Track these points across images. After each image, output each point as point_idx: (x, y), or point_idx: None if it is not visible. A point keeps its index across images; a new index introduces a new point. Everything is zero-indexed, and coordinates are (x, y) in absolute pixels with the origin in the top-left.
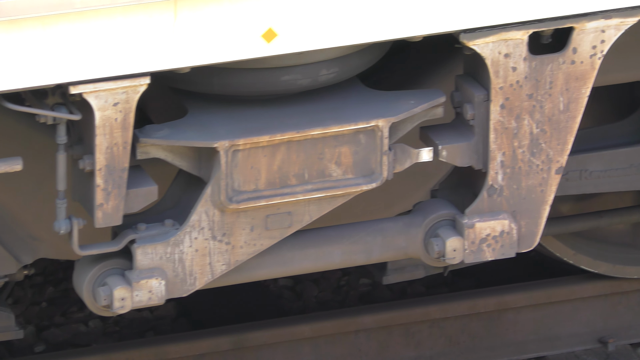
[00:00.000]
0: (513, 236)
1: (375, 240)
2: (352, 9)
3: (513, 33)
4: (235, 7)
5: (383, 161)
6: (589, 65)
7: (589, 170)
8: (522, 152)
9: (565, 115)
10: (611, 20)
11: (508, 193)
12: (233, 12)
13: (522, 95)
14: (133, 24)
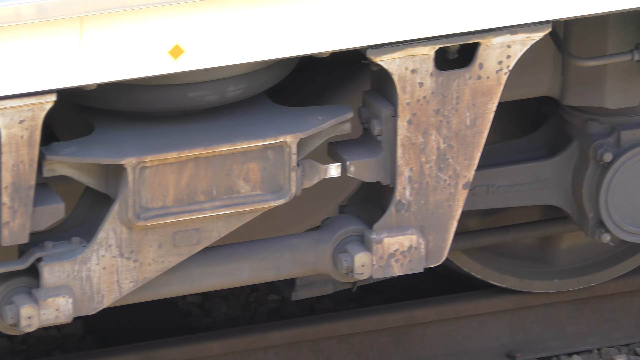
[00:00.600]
0: (421, 251)
1: (284, 257)
2: (258, 25)
3: (419, 49)
4: (142, 25)
5: (291, 177)
6: (495, 80)
7: (496, 185)
8: (430, 168)
9: (472, 131)
10: (517, 35)
11: (416, 208)
12: (139, 29)
13: (429, 110)
14: (38, 42)
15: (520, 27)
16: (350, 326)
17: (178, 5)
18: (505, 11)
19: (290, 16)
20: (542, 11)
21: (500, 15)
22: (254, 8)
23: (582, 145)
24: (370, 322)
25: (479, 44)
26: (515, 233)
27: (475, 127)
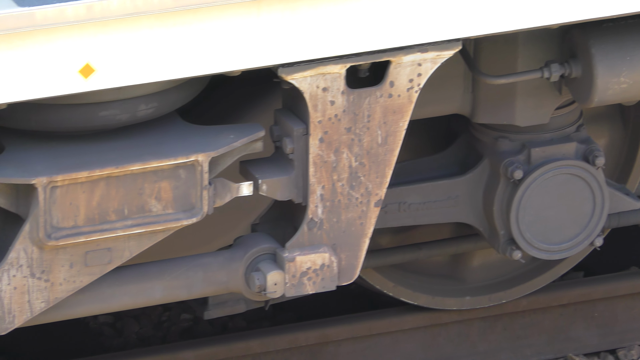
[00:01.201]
0: (333, 269)
1: (196, 275)
2: (170, 44)
3: (331, 67)
4: (52, 44)
5: (203, 196)
6: (406, 98)
7: (407, 203)
8: (342, 186)
9: (384, 149)
10: (427, 53)
11: (328, 226)
12: (49, 48)
13: (341, 128)
14: None
15: (431, 45)
16: (263, 345)
17: (89, 25)
18: (416, 29)
19: (201, 35)
20: (452, 29)
21: (410, 33)
22: (165, 27)
23: (492, 163)
24: (283, 341)
25: (390, 62)
26: (427, 250)
27: (387, 145)
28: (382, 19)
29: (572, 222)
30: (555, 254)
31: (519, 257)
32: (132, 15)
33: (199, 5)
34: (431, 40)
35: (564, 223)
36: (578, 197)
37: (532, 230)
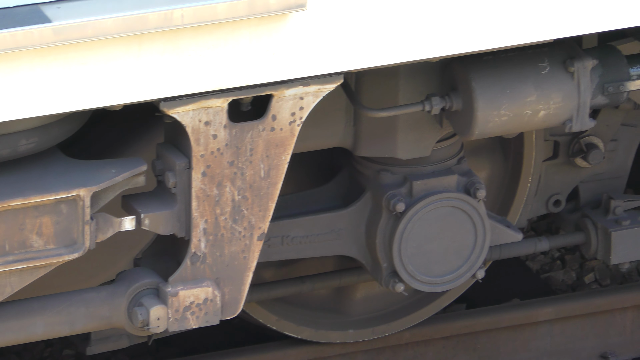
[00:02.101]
0: (217, 303)
1: (78, 311)
2: (49, 79)
3: (213, 101)
4: None
5: (85, 231)
6: (289, 132)
7: (290, 236)
8: (225, 219)
9: (267, 182)
10: (309, 87)
11: (211, 260)
12: None
13: (224, 162)
14: None
15: (313, 79)
16: None
17: None
18: (298, 63)
19: (82, 70)
20: (333, 63)
21: (292, 67)
22: (45, 62)
23: (375, 196)
24: None
25: (272, 95)
26: (310, 284)
27: (270, 179)
28: (264, 53)
29: (454, 255)
30: (437, 286)
31: (401, 290)
32: (11, 50)
33: (80, 40)
34: (313, 74)
35: (446, 255)
36: (460, 230)
37: (414, 262)
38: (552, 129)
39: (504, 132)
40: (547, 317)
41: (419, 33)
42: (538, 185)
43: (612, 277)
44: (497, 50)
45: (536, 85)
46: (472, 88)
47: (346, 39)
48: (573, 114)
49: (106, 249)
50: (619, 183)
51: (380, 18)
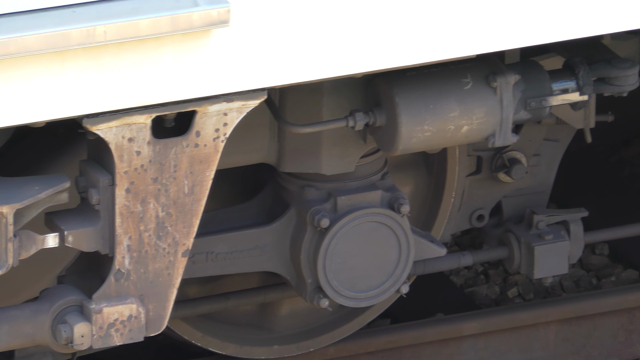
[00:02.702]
0: (141, 320)
1: (1, 328)
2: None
3: (136, 117)
4: None
5: (8, 248)
6: (213, 148)
7: (215, 253)
8: (149, 236)
9: (191, 198)
10: (233, 103)
11: (135, 277)
12: None
13: (147, 179)
14: None
15: (237, 95)
16: None
17: None
18: (221, 79)
19: (3, 87)
20: (257, 79)
21: (216, 83)
22: None
23: (299, 211)
24: None
25: (196, 112)
26: (235, 300)
27: (194, 195)
28: (188, 70)
29: (379, 270)
30: (362, 301)
31: (326, 305)
32: None
33: (2, 57)
34: (237, 90)
35: (371, 271)
36: (384, 245)
37: (339, 278)
38: (475, 144)
39: (428, 148)
40: (471, 331)
41: (342, 49)
42: (461, 200)
43: (535, 292)
44: (421, 66)
45: (459, 100)
46: (396, 104)
47: (269, 55)
48: (496, 129)
49: (29, 266)
50: (541, 198)
51: (303, 35)
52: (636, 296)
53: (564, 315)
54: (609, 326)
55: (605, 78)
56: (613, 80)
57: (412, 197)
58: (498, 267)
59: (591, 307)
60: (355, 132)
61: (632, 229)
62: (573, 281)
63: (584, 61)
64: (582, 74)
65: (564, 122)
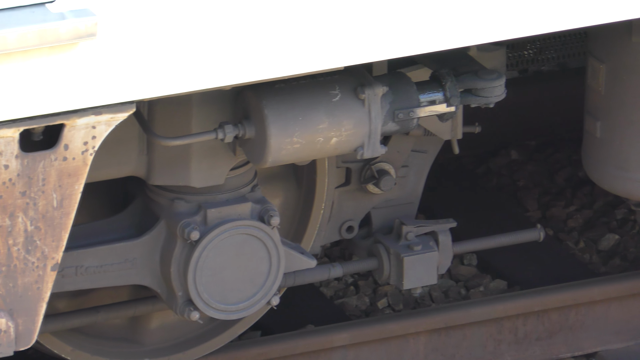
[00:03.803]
0: (10, 335)
1: None
2: None
3: (4, 131)
4: None
5: None
6: (81, 161)
7: (84, 266)
8: (17, 250)
9: (60, 212)
10: (102, 116)
11: (4, 291)
12: None
13: (16, 193)
14: None
15: (105, 108)
16: None
17: None
18: (89, 92)
19: None
20: (125, 92)
21: (84, 96)
22: None
23: (169, 224)
24: None
25: (64, 125)
26: (105, 313)
27: (63, 209)
28: (55, 83)
29: (249, 282)
30: (232, 314)
31: (197, 318)
32: None
33: None
34: (105, 103)
35: (241, 283)
36: (254, 257)
37: (209, 290)
38: (344, 156)
39: (297, 160)
40: (341, 342)
41: (210, 62)
42: (331, 211)
43: (404, 302)
44: (290, 78)
45: (328, 112)
46: (265, 116)
47: (137, 68)
48: (364, 140)
49: None
50: (410, 209)
51: (170, 48)
52: (504, 306)
53: (434, 325)
54: (478, 336)
55: (472, 89)
56: (480, 92)
57: (282, 209)
58: (368, 278)
59: (460, 317)
60: (225, 145)
61: (499, 240)
62: (442, 291)
63: (450, 73)
64: (449, 86)
65: (431, 134)
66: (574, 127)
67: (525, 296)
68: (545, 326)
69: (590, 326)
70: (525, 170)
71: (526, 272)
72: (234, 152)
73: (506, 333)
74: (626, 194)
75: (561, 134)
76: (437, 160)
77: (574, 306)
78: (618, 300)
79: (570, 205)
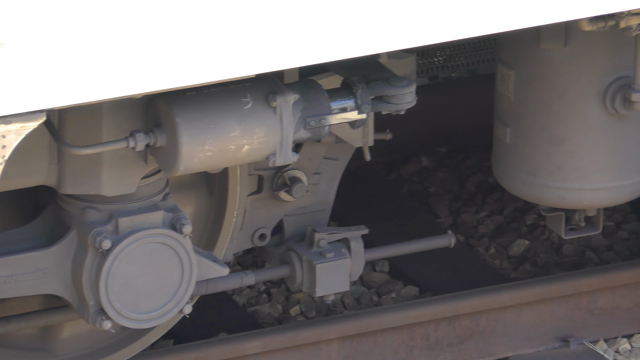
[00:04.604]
0: None
1: None
2: None
3: None
4: None
5: None
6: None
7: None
8: None
9: None
10: (11, 125)
11: None
12: None
13: None
14: None
15: (15, 117)
16: None
17: None
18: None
19: None
20: (35, 101)
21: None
22: None
23: (80, 233)
24: None
25: None
26: (16, 323)
27: None
28: None
29: (161, 291)
30: (145, 322)
31: (109, 327)
32: None
33: None
34: (14, 112)
35: (154, 291)
36: (166, 266)
37: (121, 299)
38: (256, 163)
39: (209, 168)
40: (254, 350)
41: (120, 70)
42: (243, 219)
43: (317, 309)
44: (201, 86)
45: (239, 120)
46: (176, 124)
47: (47, 77)
48: (276, 148)
49: None
50: (322, 216)
51: (80, 56)
52: (416, 312)
53: (346, 332)
54: (390, 342)
55: (383, 96)
56: (390, 99)
57: (194, 217)
58: (280, 286)
59: (372, 323)
60: (136, 153)
61: (411, 246)
62: (354, 298)
63: (361, 80)
64: (360, 93)
65: (343, 141)
66: (484, 134)
67: (437, 302)
68: (456, 332)
69: (501, 331)
70: (436, 177)
71: (437, 278)
72: (146, 161)
73: (418, 339)
74: (536, 199)
75: (471, 141)
76: (349, 167)
77: (485, 312)
78: (528, 306)
79: (481, 211)
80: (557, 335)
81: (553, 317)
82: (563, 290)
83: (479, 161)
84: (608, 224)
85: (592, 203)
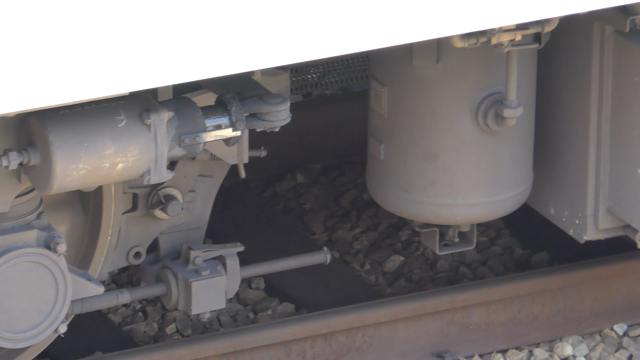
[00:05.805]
0: None
1: None
2: None
3: None
4: None
5: None
6: None
7: None
8: None
9: None
10: None
11: None
12: None
13: None
14: None
15: None
16: None
17: None
18: None
19: None
20: None
21: None
22: None
23: None
24: None
25: None
26: None
27: None
28: None
29: (36, 310)
30: (19, 342)
31: None
32: None
33: None
34: None
35: (29, 311)
36: (41, 285)
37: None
38: (131, 181)
39: (84, 186)
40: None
41: None
42: (118, 237)
43: (193, 327)
44: (74, 104)
45: (113, 138)
46: (50, 142)
47: None
48: (151, 166)
49: None
50: (198, 233)
51: None
52: (292, 329)
53: (223, 350)
54: (266, 359)
55: (257, 114)
56: (265, 116)
57: (69, 236)
58: (156, 304)
59: (249, 341)
60: (9, 172)
61: (287, 263)
62: (230, 316)
63: (236, 97)
64: (235, 110)
65: (218, 158)
66: (358, 150)
67: (313, 319)
68: (333, 348)
69: (377, 347)
70: (311, 194)
71: (313, 295)
72: (19, 179)
73: (295, 356)
74: (410, 215)
75: (346, 157)
76: (224, 184)
77: (360, 328)
78: (404, 321)
79: (356, 227)
80: (432, 350)
81: (428, 333)
82: (438, 306)
83: (353, 177)
84: (482, 240)
85: (466, 219)
